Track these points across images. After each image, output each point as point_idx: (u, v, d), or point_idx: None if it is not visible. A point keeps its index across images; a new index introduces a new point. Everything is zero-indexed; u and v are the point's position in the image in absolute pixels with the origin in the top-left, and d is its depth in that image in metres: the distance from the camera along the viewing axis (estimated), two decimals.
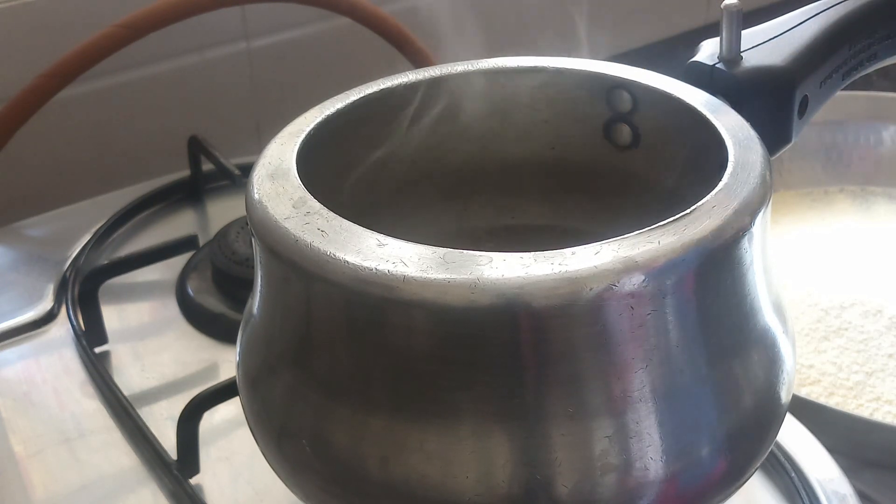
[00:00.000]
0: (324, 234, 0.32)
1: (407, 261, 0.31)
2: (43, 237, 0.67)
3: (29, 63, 0.66)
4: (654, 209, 0.37)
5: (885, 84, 0.83)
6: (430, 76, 0.42)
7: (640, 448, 0.32)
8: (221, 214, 0.67)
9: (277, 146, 0.38)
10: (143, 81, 0.75)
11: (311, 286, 0.33)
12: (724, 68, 0.40)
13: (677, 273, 0.31)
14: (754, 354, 0.35)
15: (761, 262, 0.35)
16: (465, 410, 0.32)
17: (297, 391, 0.35)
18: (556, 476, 0.32)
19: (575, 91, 0.43)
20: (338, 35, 0.80)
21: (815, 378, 0.58)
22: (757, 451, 0.36)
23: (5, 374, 0.56)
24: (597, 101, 0.43)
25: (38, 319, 0.59)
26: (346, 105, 0.40)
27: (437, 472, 0.32)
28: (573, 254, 0.31)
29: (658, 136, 0.42)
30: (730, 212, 0.32)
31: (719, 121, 0.37)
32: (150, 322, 0.60)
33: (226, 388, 0.47)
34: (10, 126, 0.64)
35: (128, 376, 0.55)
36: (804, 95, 0.40)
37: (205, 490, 0.48)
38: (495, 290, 0.30)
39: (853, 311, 0.62)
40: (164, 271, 0.62)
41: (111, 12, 0.65)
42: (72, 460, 0.50)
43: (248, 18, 0.77)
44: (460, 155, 0.45)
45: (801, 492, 0.47)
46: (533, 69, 0.43)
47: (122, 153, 0.76)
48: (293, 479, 0.36)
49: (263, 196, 0.35)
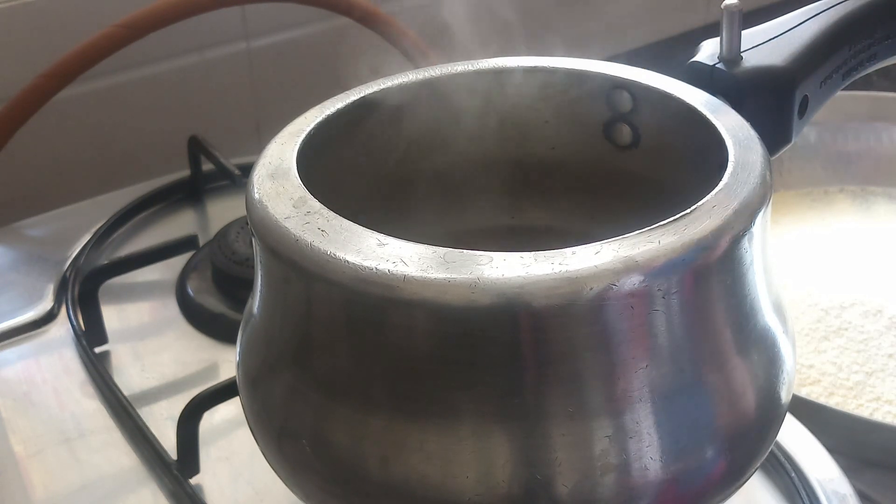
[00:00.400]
0: (324, 233, 0.32)
1: (407, 260, 0.31)
2: (43, 237, 0.67)
3: (29, 63, 0.66)
4: (654, 209, 0.37)
5: (885, 84, 0.83)
6: (429, 76, 0.42)
7: (640, 448, 0.32)
8: (221, 214, 0.67)
9: (277, 146, 0.38)
10: (143, 81, 0.75)
11: (311, 286, 0.33)
12: (724, 68, 0.40)
13: (677, 273, 0.31)
14: (754, 354, 0.35)
15: (761, 262, 0.35)
16: (465, 410, 0.32)
17: (297, 391, 0.35)
18: (556, 476, 0.32)
19: (575, 91, 0.43)
20: (338, 35, 0.80)
21: (815, 378, 0.58)
22: (757, 451, 0.36)
23: (5, 374, 0.56)
24: (597, 101, 0.43)
25: (38, 319, 0.59)
26: (346, 105, 0.40)
27: (437, 472, 0.32)
28: (573, 253, 0.31)
29: (658, 136, 0.42)
30: (730, 212, 0.32)
31: (719, 121, 0.37)
32: (150, 322, 0.60)
33: (226, 388, 0.47)
34: (10, 126, 0.64)
35: (128, 376, 0.55)
36: (804, 95, 0.40)
37: (205, 490, 0.48)
38: (495, 290, 0.30)
39: (853, 311, 0.62)
40: (164, 271, 0.62)
41: (111, 12, 0.65)
42: (72, 460, 0.50)
43: (248, 18, 0.77)
44: (460, 155, 0.45)
45: (801, 492, 0.47)
46: (533, 69, 0.43)
47: (122, 153, 0.76)
48: (293, 479, 0.36)
49: (263, 196, 0.35)
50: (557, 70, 0.43)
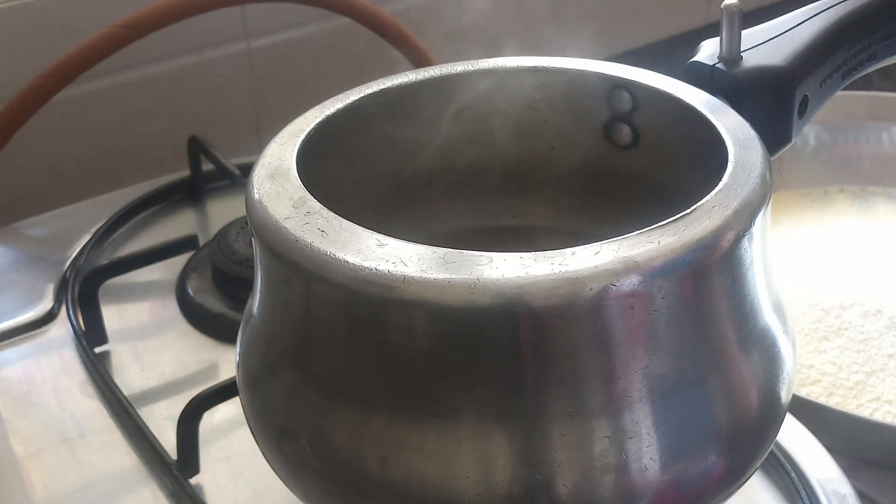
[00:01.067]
0: (324, 234, 0.32)
1: (407, 261, 0.31)
2: (43, 237, 0.67)
3: (29, 63, 0.66)
4: (654, 209, 0.37)
5: (885, 84, 0.83)
6: (429, 76, 0.42)
7: (640, 448, 0.32)
8: (221, 214, 0.67)
9: (277, 146, 0.38)
10: (143, 81, 0.75)
11: (311, 286, 0.33)
12: (724, 68, 0.40)
13: (677, 273, 0.31)
14: (754, 354, 0.35)
15: (761, 262, 0.35)
16: (465, 411, 0.32)
17: (297, 391, 0.35)
18: (556, 476, 0.32)
19: (575, 91, 0.43)
20: (338, 35, 0.80)
21: (815, 378, 0.58)
22: (757, 451, 0.36)
23: (5, 374, 0.56)
24: (597, 101, 0.43)
25: (38, 319, 0.59)
26: (346, 105, 0.40)
27: (437, 473, 0.32)
28: (573, 254, 0.31)
29: (658, 136, 0.42)
30: (730, 212, 0.32)
31: (719, 121, 0.37)
32: (150, 322, 0.60)
33: (226, 388, 0.47)
34: (10, 126, 0.64)
35: (128, 376, 0.55)
36: (804, 95, 0.40)
37: (205, 490, 0.48)
38: (495, 290, 0.30)
39: (853, 311, 0.62)
40: (164, 271, 0.62)
41: (111, 12, 0.65)
42: (72, 460, 0.50)
43: (248, 18, 0.77)
44: (460, 155, 0.45)
45: (801, 492, 0.47)
46: (533, 69, 0.43)
47: (122, 153, 0.76)
48: (293, 479, 0.36)
49: (263, 196, 0.35)
50: (557, 70, 0.43)
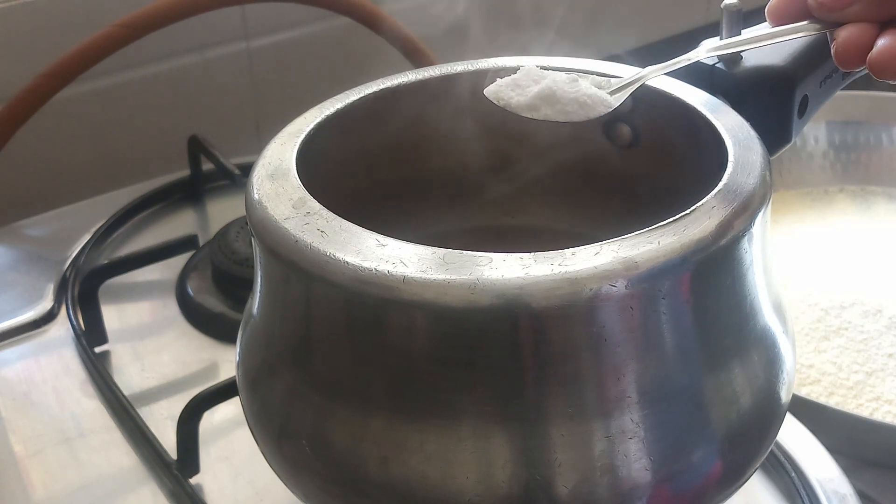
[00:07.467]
0: (324, 234, 0.32)
1: (407, 261, 0.31)
2: (43, 237, 0.67)
3: (29, 63, 0.66)
4: (654, 209, 0.37)
5: (886, 84, 0.83)
6: (430, 76, 0.42)
7: (640, 448, 0.32)
8: (221, 214, 0.67)
9: (277, 146, 0.38)
10: (143, 81, 0.75)
11: (311, 286, 0.33)
12: (724, 68, 0.40)
13: (677, 273, 0.31)
14: (754, 354, 0.35)
15: (761, 262, 0.35)
16: (465, 411, 0.32)
17: (297, 391, 0.35)
18: (555, 476, 0.32)
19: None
20: (338, 35, 0.80)
21: (815, 378, 0.58)
22: (756, 451, 0.36)
23: (5, 374, 0.56)
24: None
25: (38, 319, 0.59)
26: (346, 105, 0.41)
27: (437, 473, 0.32)
28: (573, 254, 0.31)
29: (658, 135, 0.42)
30: (730, 212, 0.32)
31: (719, 121, 0.37)
32: (150, 322, 0.60)
33: (226, 388, 0.47)
34: (10, 126, 0.64)
35: (128, 376, 0.55)
36: (804, 95, 0.40)
37: (205, 490, 0.48)
38: (495, 291, 0.30)
39: (853, 311, 0.62)
40: (164, 271, 0.62)
41: (111, 12, 0.65)
42: (72, 460, 0.50)
43: (248, 18, 0.77)
44: (460, 155, 0.45)
45: (801, 492, 0.47)
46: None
47: (122, 153, 0.76)
48: (293, 479, 0.36)
49: (263, 196, 0.35)
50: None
